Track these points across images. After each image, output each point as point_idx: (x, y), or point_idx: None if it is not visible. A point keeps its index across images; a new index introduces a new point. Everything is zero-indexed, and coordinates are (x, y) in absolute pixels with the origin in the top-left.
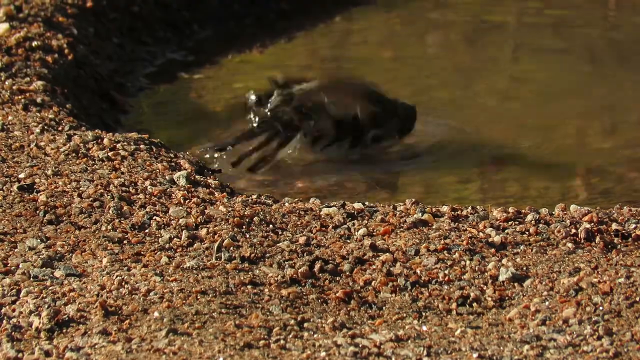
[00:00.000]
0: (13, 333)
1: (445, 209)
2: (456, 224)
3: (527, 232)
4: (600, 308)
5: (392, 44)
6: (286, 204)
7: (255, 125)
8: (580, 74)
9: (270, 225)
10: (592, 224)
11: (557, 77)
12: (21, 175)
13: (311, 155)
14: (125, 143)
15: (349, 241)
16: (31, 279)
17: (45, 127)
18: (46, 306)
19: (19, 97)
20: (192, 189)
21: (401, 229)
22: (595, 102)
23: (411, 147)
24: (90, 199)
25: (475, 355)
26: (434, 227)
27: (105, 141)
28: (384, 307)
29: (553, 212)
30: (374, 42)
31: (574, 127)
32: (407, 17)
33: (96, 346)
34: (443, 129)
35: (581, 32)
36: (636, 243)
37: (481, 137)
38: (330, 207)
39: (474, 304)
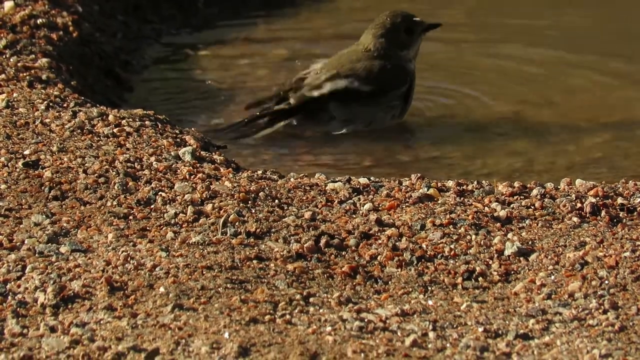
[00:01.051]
0: (18, 309)
1: (450, 183)
2: (462, 198)
3: (532, 207)
4: (606, 282)
5: None
6: (292, 179)
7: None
8: (585, 49)
9: (276, 201)
10: (598, 198)
11: (562, 52)
12: (26, 152)
13: (316, 131)
14: (130, 119)
15: (354, 216)
16: (36, 254)
17: (51, 104)
18: (51, 282)
19: (24, 74)
20: (198, 165)
21: (407, 204)
22: (601, 77)
23: (416, 123)
24: (96, 175)
25: (480, 329)
26: (439, 201)
27: (111, 117)
28: (389, 282)
29: (558, 187)
30: None
31: (580, 101)
32: None
33: (101, 322)
34: (448, 105)
35: (589, 5)
36: None
37: (486, 112)
38: (336, 182)
39: (480, 279)
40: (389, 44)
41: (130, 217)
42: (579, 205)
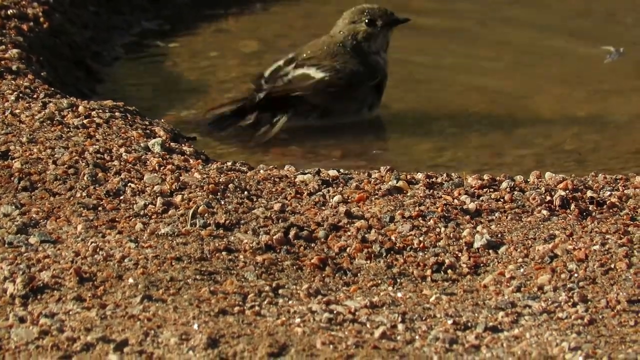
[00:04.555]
0: None
1: (420, 176)
2: (431, 191)
3: (502, 199)
4: (575, 275)
5: None
6: (261, 171)
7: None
8: (555, 42)
9: (245, 192)
10: (567, 191)
11: (532, 45)
12: None
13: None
14: (100, 110)
15: (323, 208)
16: (6, 245)
17: (21, 95)
18: (21, 272)
19: None
20: (167, 156)
21: (376, 196)
22: (571, 71)
23: (385, 115)
24: (65, 165)
25: (450, 321)
26: (408, 194)
27: (81, 109)
28: (358, 274)
29: (528, 180)
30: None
31: (549, 95)
32: None
33: (70, 312)
34: (418, 97)
35: (557, 1)
36: (611, 210)
37: (456, 105)
38: (305, 174)
39: (449, 271)
40: (352, 36)
41: (100, 208)
42: (548, 198)
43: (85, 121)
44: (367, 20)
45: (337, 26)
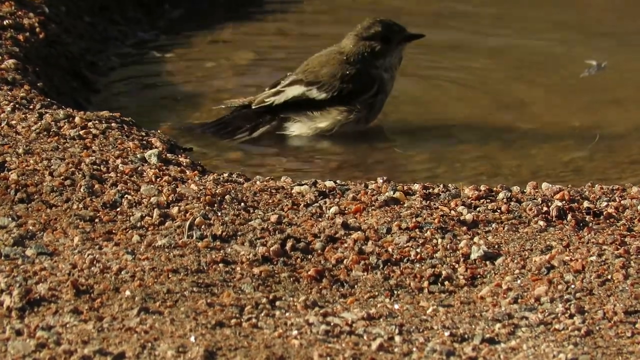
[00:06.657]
0: None
1: (416, 187)
2: (428, 202)
3: (498, 210)
4: (572, 286)
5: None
6: (258, 182)
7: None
8: (550, 54)
9: (242, 204)
10: (564, 202)
11: (528, 55)
12: None
13: (283, 134)
14: (96, 121)
15: (320, 219)
16: (2, 257)
17: (17, 106)
18: (17, 285)
19: None
20: (164, 167)
21: (373, 207)
22: (566, 81)
23: (383, 126)
24: (62, 177)
25: (447, 333)
26: (405, 205)
27: (77, 119)
28: (355, 286)
29: (525, 190)
30: (343, 21)
31: (545, 105)
32: None
33: (67, 325)
34: (414, 108)
35: (554, 9)
36: (608, 221)
37: (453, 116)
38: (302, 185)
39: (446, 283)
40: (364, 51)
41: (96, 220)
42: (545, 209)
43: (81, 132)
44: (381, 37)
45: (347, 38)
